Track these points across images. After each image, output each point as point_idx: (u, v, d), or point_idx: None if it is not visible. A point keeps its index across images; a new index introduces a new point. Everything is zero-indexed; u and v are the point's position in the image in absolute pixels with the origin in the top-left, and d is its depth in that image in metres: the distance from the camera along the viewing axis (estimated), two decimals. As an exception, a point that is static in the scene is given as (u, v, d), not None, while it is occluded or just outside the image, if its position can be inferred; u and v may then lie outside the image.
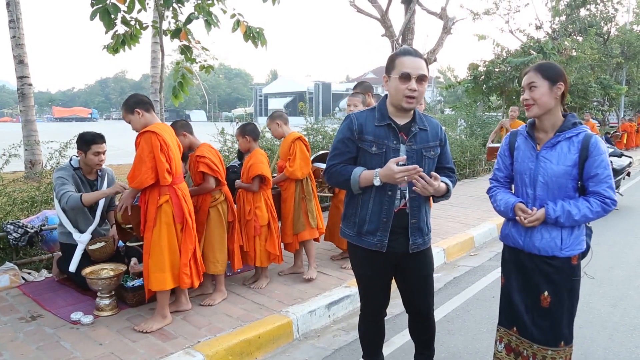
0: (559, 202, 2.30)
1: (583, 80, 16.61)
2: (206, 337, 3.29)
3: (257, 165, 4.12)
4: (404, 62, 2.30)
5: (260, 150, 4.30)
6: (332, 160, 2.47)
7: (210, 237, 3.90)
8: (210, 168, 3.81)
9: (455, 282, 4.85)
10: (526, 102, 2.34)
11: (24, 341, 3.24)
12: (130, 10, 5.37)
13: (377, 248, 2.41)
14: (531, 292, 2.42)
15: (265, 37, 5.78)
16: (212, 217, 3.91)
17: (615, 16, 21.91)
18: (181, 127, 4.00)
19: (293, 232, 4.45)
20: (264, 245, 4.19)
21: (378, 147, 2.37)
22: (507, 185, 2.59)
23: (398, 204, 2.39)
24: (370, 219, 2.40)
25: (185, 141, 3.96)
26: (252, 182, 4.13)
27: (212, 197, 3.91)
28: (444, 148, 2.53)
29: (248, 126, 4.34)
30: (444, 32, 11.22)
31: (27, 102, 10.04)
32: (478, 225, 6.60)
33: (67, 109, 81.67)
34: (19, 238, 4.41)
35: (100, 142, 4.09)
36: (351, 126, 2.42)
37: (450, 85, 19.49)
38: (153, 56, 11.30)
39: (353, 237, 2.50)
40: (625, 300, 4.28)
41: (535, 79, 2.30)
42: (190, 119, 74.16)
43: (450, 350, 3.41)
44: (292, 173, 4.34)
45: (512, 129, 2.64)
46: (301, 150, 4.38)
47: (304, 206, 4.48)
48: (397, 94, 2.32)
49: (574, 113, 2.53)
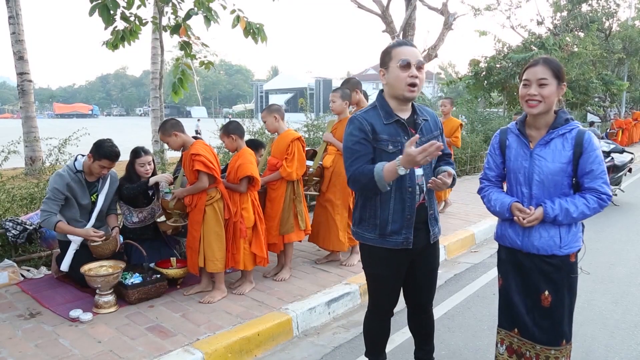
0: (556, 200, 2.28)
1: (585, 76, 16.58)
2: (205, 334, 3.27)
3: (246, 165, 3.93)
4: (402, 51, 2.28)
5: (248, 149, 4.12)
6: (354, 164, 2.33)
7: (208, 235, 3.84)
8: (206, 166, 3.74)
9: (456, 279, 4.83)
10: (533, 97, 2.23)
11: (23, 338, 3.22)
12: (130, 6, 5.35)
13: (404, 246, 2.38)
14: (531, 292, 2.40)
15: (265, 33, 5.75)
16: (208, 215, 3.83)
17: (617, 12, 21.86)
18: (171, 126, 3.87)
19: (279, 232, 4.34)
20: (249, 247, 4.03)
21: (394, 145, 2.33)
22: (499, 184, 2.55)
23: (418, 199, 2.38)
24: (393, 219, 2.36)
25: (178, 141, 3.87)
26: (240, 182, 3.95)
27: (208, 195, 3.83)
28: (442, 135, 2.55)
29: (231, 125, 4.12)
30: (445, 28, 11.17)
31: (27, 98, 10.04)
32: (479, 222, 6.59)
33: (67, 105, 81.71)
34: (18, 235, 4.39)
35: (113, 161, 4.03)
36: (363, 127, 2.34)
37: (451, 82, 19.47)
38: (153, 52, 11.30)
39: (375, 239, 2.42)
40: (626, 297, 4.26)
41: (547, 75, 2.22)
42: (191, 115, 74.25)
43: (450, 347, 3.39)
44: (289, 175, 4.24)
45: (502, 127, 2.59)
46: (299, 151, 4.28)
47: (294, 208, 4.37)
48: (399, 83, 2.28)
49: (572, 110, 2.49)
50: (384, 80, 2.38)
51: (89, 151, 4.04)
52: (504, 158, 2.46)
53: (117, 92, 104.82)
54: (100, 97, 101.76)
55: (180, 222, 4.06)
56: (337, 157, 4.63)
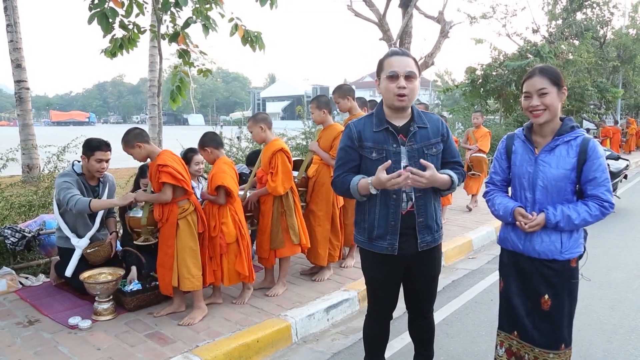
0: (558, 206, 2.30)
1: (580, 84, 16.69)
2: (205, 341, 3.27)
3: (218, 175, 3.71)
4: (391, 62, 2.32)
5: (225, 158, 3.94)
6: (337, 170, 2.49)
7: (182, 251, 3.56)
8: (174, 177, 3.46)
9: (454, 285, 4.85)
10: (537, 108, 2.28)
11: (22, 346, 3.22)
12: (128, 15, 5.38)
13: (389, 252, 2.41)
14: (531, 295, 2.42)
15: (263, 41, 5.79)
16: (181, 229, 3.56)
17: (611, 20, 22.00)
18: (134, 137, 3.55)
19: (270, 247, 4.14)
20: (233, 263, 3.81)
21: (378, 153, 2.37)
22: (504, 188, 2.58)
23: (405, 207, 2.38)
24: (378, 224, 2.41)
25: (142, 152, 3.56)
26: (217, 194, 3.75)
27: (180, 207, 3.57)
28: (447, 143, 2.49)
29: (205, 137, 3.91)
30: (442, 35, 11.23)
31: (25, 106, 10.04)
32: (476, 229, 6.61)
33: (64, 113, 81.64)
34: (17, 242, 4.39)
35: (105, 150, 4.02)
36: (350, 134, 2.45)
37: (448, 89, 19.55)
38: (151, 60, 11.32)
39: (364, 242, 2.50)
40: (623, 302, 4.28)
41: (546, 84, 2.26)
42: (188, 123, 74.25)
43: (449, 353, 3.40)
44: (275, 189, 3.99)
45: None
46: (283, 163, 4.00)
47: (284, 222, 4.12)
48: (388, 94, 2.34)
49: (571, 117, 2.51)
50: (379, 90, 2.43)
51: (82, 153, 4.06)
52: (510, 163, 2.50)
53: (114, 100, 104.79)
54: (97, 104, 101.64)
55: (150, 240, 3.75)
56: (321, 167, 4.52)
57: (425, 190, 2.37)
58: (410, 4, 10.09)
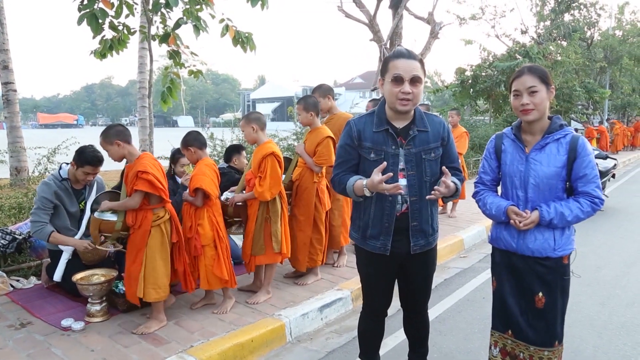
0: (551, 204, 2.33)
1: (568, 84, 16.88)
2: (199, 341, 3.27)
3: (197, 177, 3.64)
4: (397, 64, 2.27)
5: (207, 160, 3.85)
6: (336, 168, 2.51)
7: (152, 260, 3.42)
8: (154, 186, 3.33)
9: (446, 283, 4.88)
10: (526, 106, 2.30)
11: (14, 349, 3.19)
12: (118, 15, 5.36)
13: (381, 251, 2.43)
14: (525, 294, 2.45)
15: (254, 42, 5.78)
16: (154, 237, 3.42)
17: (598, 21, 22.36)
18: (116, 134, 3.41)
19: (250, 253, 3.99)
20: (211, 266, 3.70)
21: (376, 154, 2.37)
22: (494, 188, 2.60)
23: (400, 208, 2.39)
24: (372, 224, 2.43)
25: (120, 151, 3.41)
26: (195, 195, 3.67)
27: (155, 214, 3.43)
28: (447, 147, 2.46)
29: (189, 136, 3.83)
30: (431, 36, 11.32)
31: (12, 108, 9.93)
32: (467, 228, 6.66)
33: (52, 116, 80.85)
34: (7, 245, 4.36)
35: (96, 166, 3.99)
36: (350, 133, 2.43)
37: (437, 90, 19.67)
38: (140, 61, 11.24)
39: (358, 239, 2.54)
40: (613, 299, 4.34)
41: (536, 83, 2.28)
42: (178, 125, 73.82)
43: (442, 350, 3.43)
44: (261, 194, 3.79)
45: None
46: (273, 168, 3.81)
47: (267, 228, 3.94)
48: (391, 97, 2.31)
49: (559, 115, 2.55)
50: (382, 90, 2.41)
51: (72, 159, 4.03)
52: (499, 162, 2.52)
53: (103, 102, 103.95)
54: (85, 107, 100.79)
55: (117, 245, 3.64)
56: (304, 170, 4.36)
57: (421, 194, 2.37)
58: (400, 5, 10.16)
